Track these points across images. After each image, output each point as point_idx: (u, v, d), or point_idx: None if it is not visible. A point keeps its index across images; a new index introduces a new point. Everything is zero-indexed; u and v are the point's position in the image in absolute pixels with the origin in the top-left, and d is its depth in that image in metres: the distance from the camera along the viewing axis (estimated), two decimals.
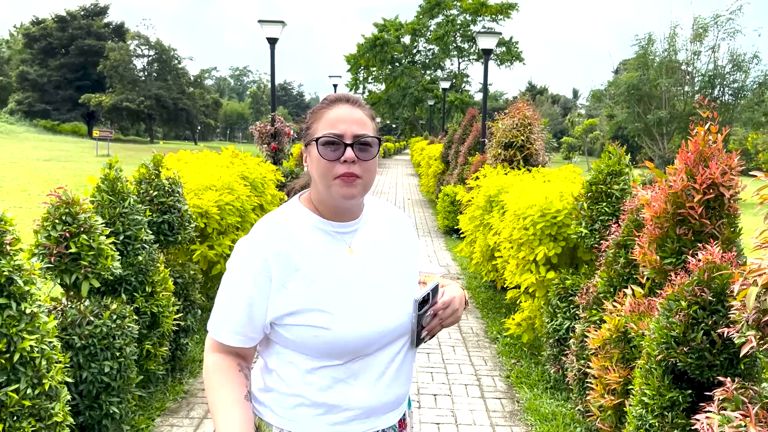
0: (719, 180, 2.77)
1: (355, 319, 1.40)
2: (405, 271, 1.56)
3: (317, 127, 1.42)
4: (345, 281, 1.42)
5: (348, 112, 1.42)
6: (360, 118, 1.43)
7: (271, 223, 1.46)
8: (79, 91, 55.64)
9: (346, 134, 1.39)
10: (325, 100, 1.47)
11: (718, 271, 2.38)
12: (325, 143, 1.39)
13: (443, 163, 15.24)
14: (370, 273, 1.47)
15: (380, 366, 1.45)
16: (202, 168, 5.53)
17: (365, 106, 1.48)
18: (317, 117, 1.45)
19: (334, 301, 1.39)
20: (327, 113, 1.43)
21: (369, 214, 1.54)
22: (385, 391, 1.46)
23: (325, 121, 1.41)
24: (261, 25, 10.83)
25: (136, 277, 3.70)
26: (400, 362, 1.51)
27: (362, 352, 1.41)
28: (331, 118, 1.41)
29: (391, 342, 1.47)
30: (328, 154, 1.38)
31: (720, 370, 2.33)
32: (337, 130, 1.39)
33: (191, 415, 3.82)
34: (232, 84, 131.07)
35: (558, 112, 73.11)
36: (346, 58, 44.23)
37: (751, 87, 27.40)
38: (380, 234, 1.55)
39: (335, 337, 1.37)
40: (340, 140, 1.38)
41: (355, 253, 1.46)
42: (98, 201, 3.65)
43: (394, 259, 1.55)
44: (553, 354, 4.26)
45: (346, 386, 1.41)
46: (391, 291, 1.49)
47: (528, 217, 4.52)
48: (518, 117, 7.28)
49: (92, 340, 3.18)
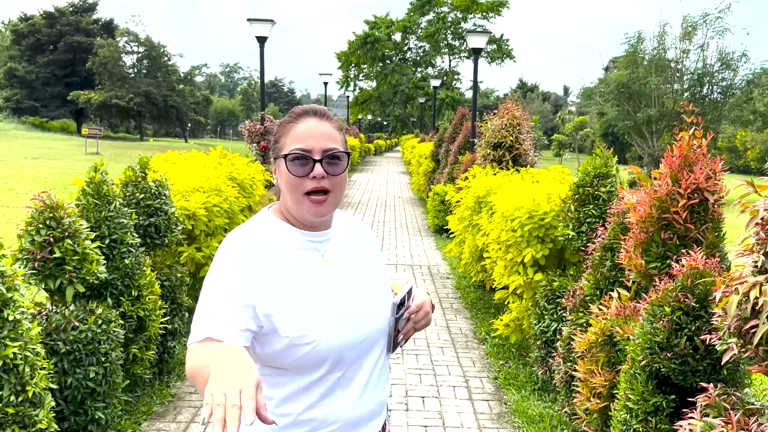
0: (703, 185, 2.78)
1: (339, 327, 1.41)
2: (377, 277, 1.59)
3: (285, 142, 1.42)
4: (323, 291, 1.43)
5: (315, 126, 1.42)
6: (328, 131, 1.43)
7: (249, 245, 1.40)
8: (67, 88, 55.19)
9: (314, 149, 1.39)
10: (292, 113, 1.46)
11: (702, 277, 2.39)
12: (293, 159, 1.38)
13: (434, 161, 15.24)
14: (346, 280, 1.49)
15: (363, 374, 1.47)
16: (190, 169, 5.50)
17: (333, 118, 1.48)
18: (285, 131, 1.44)
19: (316, 312, 1.39)
20: (295, 127, 1.42)
21: (338, 224, 1.56)
22: (369, 400, 1.48)
23: (293, 136, 1.41)
24: (250, 23, 10.79)
25: (122, 281, 3.68)
26: (380, 368, 1.53)
27: (347, 361, 1.42)
28: (299, 132, 1.41)
29: (371, 348, 1.49)
30: (297, 170, 1.38)
31: (703, 376, 2.35)
32: (304, 145, 1.39)
33: (178, 419, 3.80)
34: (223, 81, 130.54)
35: (549, 110, 73.34)
36: (337, 55, 44.13)
37: (739, 85, 27.59)
38: (350, 243, 1.57)
39: (322, 346, 1.37)
40: (309, 156, 1.38)
41: (328, 262, 1.48)
42: (83, 204, 3.62)
43: (366, 266, 1.58)
44: (541, 356, 4.27)
45: (333, 399, 1.41)
46: (368, 297, 1.51)
47: (516, 219, 4.53)
48: (507, 117, 7.29)
49: (77, 346, 3.16)
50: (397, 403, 4.11)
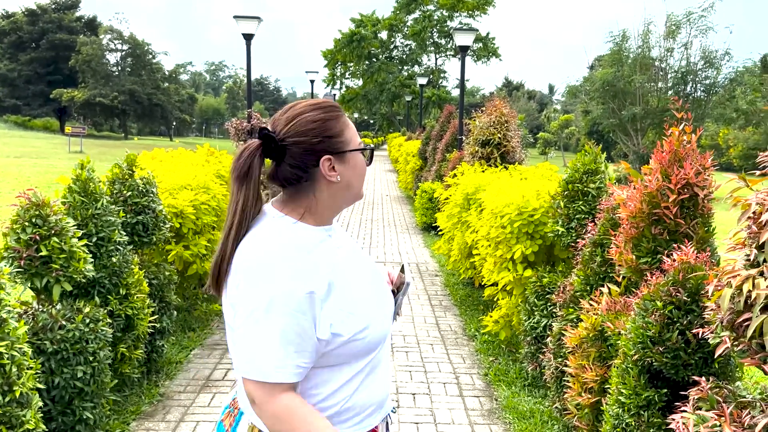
0: (693, 180, 2.80)
1: (383, 314, 1.48)
2: (372, 263, 1.63)
3: (350, 135, 1.42)
4: (361, 280, 1.46)
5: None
6: None
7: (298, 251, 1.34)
8: (50, 86, 54.63)
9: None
10: (336, 107, 1.44)
11: (693, 272, 2.41)
12: (368, 151, 1.46)
13: (421, 159, 15.25)
14: (366, 267, 1.53)
15: (386, 353, 1.54)
16: (177, 167, 5.46)
17: None
18: (344, 125, 1.41)
19: (363, 300, 1.42)
20: (348, 121, 1.45)
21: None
22: (388, 377, 1.55)
23: (352, 130, 1.45)
24: (237, 20, 10.72)
25: (110, 279, 3.64)
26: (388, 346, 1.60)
27: (385, 342, 1.49)
28: (352, 126, 1.45)
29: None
30: (369, 159, 1.48)
31: (695, 370, 2.36)
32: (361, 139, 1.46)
33: (167, 418, 3.77)
34: (208, 79, 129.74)
35: (534, 108, 73.67)
36: (323, 53, 43.99)
37: (722, 83, 27.89)
38: (342, 233, 1.59)
39: (375, 335, 1.42)
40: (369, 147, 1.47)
41: (346, 253, 1.49)
42: (70, 202, 3.57)
43: (361, 253, 1.62)
44: (531, 352, 4.28)
45: (369, 383, 1.45)
46: (381, 279, 1.58)
47: (505, 216, 4.53)
48: (495, 114, 7.30)
49: (64, 345, 3.11)
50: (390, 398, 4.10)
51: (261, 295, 1.28)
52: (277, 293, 1.27)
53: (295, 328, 1.28)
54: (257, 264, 1.30)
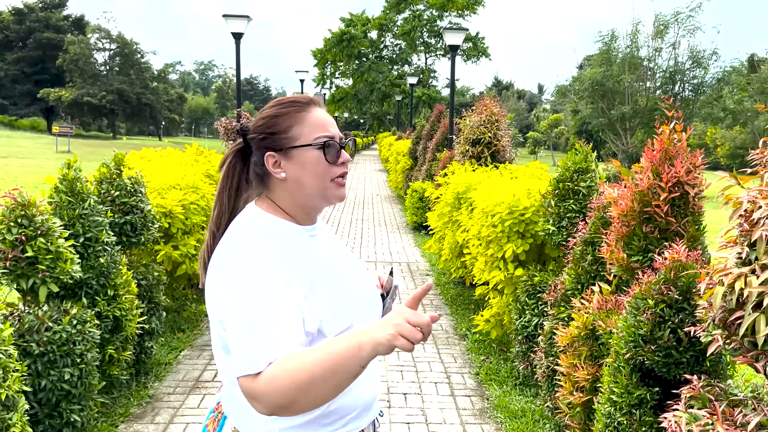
0: (684, 178, 2.80)
1: (365, 312, 1.45)
2: (358, 262, 1.62)
3: (302, 131, 1.36)
4: (346, 279, 1.44)
5: (325, 114, 1.43)
6: (333, 120, 1.45)
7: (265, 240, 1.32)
8: (37, 86, 54.20)
9: (336, 136, 1.40)
10: (296, 102, 1.41)
11: (684, 270, 2.40)
12: (327, 146, 1.37)
13: (411, 158, 15.24)
14: (345, 268, 1.50)
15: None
16: (166, 166, 5.41)
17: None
18: (296, 120, 1.37)
19: (347, 300, 1.40)
20: (308, 116, 1.38)
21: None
22: (375, 382, 1.51)
23: (312, 124, 1.38)
24: (226, 19, 10.66)
25: (98, 280, 3.60)
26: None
27: None
28: (318, 120, 1.39)
29: None
30: (330, 156, 1.37)
31: (686, 368, 2.36)
32: (329, 133, 1.39)
33: (156, 420, 3.73)
34: (197, 78, 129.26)
35: (524, 108, 73.95)
36: (313, 53, 43.91)
37: (710, 83, 28.08)
38: (328, 235, 1.57)
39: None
40: (336, 142, 1.39)
41: (329, 253, 1.47)
42: (56, 202, 3.53)
43: (349, 255, 1.59)
44: (522, 351, 4.28)
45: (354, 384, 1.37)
46: (367, 281, 1.56)
47: (496, 215, 4.53)
48: (485, 114, 7.30)
49: (51, 347, 3.07)
50: (378, 400, 4.08)
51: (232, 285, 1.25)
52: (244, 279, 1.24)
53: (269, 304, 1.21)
54: (225, 253, 1.32)
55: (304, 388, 1.11)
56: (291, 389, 1.11)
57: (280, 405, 1.13)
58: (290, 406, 1.13)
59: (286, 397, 1.12)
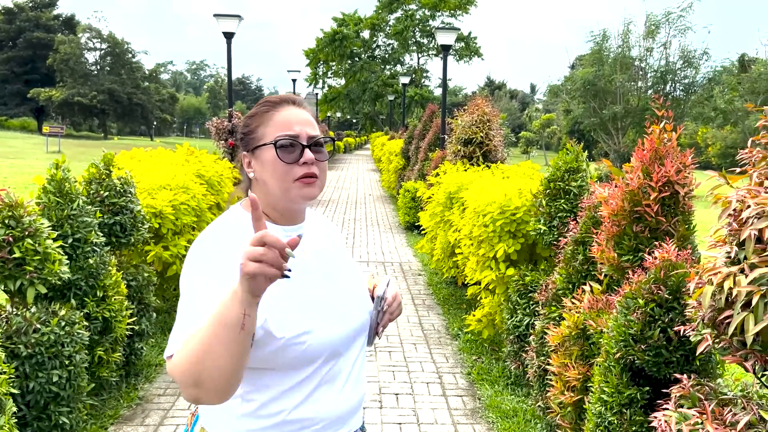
0: (674, 178, 2.81)
1: (332, 322, 1.39)
2: (352, 268, 1.58)
3: (265, 131, 1.37)
4: (312, 285, 1.39)
5: (296, 113, 1.40)
6: (308, 118, 1.42)
7: (228, 244, 1.30)
8: (27, 86, 53.87)
9: (301, 135, 1.36)
10: (267, 102, 1.42)
11: (674, 269, 2.41)
12: (283, 145, 1.34)
13: (404, 158, 15.24)
14: (329, 274, 1.46)
15: (347, 369, 1.44)
16: (157, 166, 5.38)
17: (307, 105, 1.46)
18: (263, 120, 1.39)
19: (310, 309, 1.35)
20: (275, 115, 1.38)
21: (307, 218, 1.52)
22: (351, 395, 1.45)
23: (276, 124, 1.37)
24: (217, 19, 10.62)
25: (87, 281, 3.57)
26: (361, 361, 1.52)
27: (336, 356, 1.39)
28: (282, 120, 1.37)
29: (354, 341, 1.47)
30: (287, 156, 1.34)
31: (676, 367, 2.36)
32: (292, 132, 1.36)
33: (146, 422, 3.71)
34: (189, 78, 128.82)
35: (516, 107, 74.07)
36: (305, 52, 43.82)
37: (701, 83, 28.22)
38: (321, 235, 1.54)
39: (317, 343, 1.33)
40: (298, 141, 1.35)
41: (310, 256, 1.43)
42: (45, 203, 3.50)
43: (340, 258, 1.56)
44: (514, 350, 4.28)
45: (320, 395, 1.37)
46: (350, 289, 1.50)
47: (488, 215, 4.52)
48: (477, 113, 7.30)
49: (39, 349, 3.05)
50: (371, 401, 4.07)
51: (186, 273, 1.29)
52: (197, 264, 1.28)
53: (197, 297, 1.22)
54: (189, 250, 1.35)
55: (201, 359, 1.09)
56: (191, 363, 1.10)
57: (190, 383, 1.11)
58: (200, 384, 1.10)
59: (190, 373, 1.10)
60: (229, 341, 1.08)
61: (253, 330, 1.11)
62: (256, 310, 1.09)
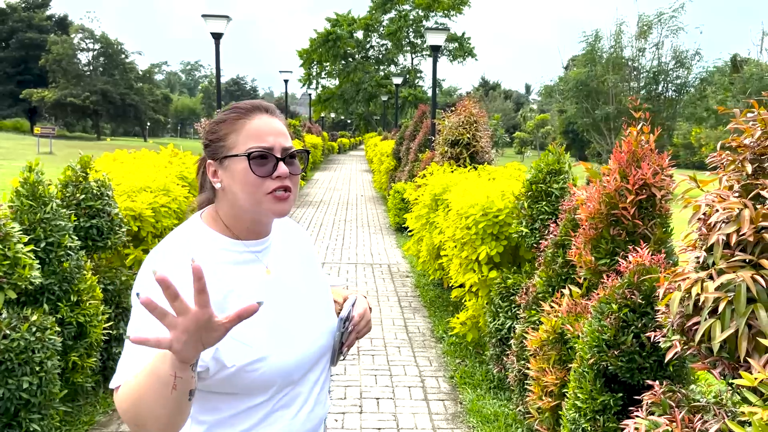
0: (651, 180, 2.77)
1: (290, 347, 1.32)
2: (319, 286, 1.50)
3: (237, 140, 1.29)
4: (270, 308, 1.31)
5: (269, 123, 1.32)
6: (281, 129, 1.34)
7: (178, 265, 1.22)
8: (20, 86, 53.64)
9: (275, 147, 1.29)
10: (238, 108, 1.33)
11: (648, 274, 2.37)
12: (256, 158, 1.27)
13: (395, 159, 15.20)
14: (290, 293, 1.39)
15: (306, 392, 1.38)
16: (139, 168, 5.32)
17: (280, 114, 1.38)
18: (234, 128, 1.30)
19: (263, 330, 1.28)
20: (247, 124, 1.30)
21: (274, 229, 1.44)
22: (310, 417, 1.39)
23: (248, 134, 1.29)
24: (205, 19, 10.56)
25: (60, 285, 3.51)
26: (323, 383, 1.45)
27: (292, 379, 1.33)
28: (254, 129, 1.30)
29: (316, 364, 1.41)
30: (260, 169, 1.27)
31: (650, 373, 2.33)
32: (266, 144, 1.28)
33: (122, 428, 3.65)
34: (184, 79, 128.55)
35: (511, 108, 74.16)
36: (299, 53, 43.76)
37: (693, 83, 28.27)
38: (289, 248, 1.47)
39: (273, 369, 1.27)
40: (272, 154, 1.28)
41: (272, 274, 1.37)
42: (17, 206, 3.44)
43: (307, 274, 1.48)
44: (496, 354, 4.24)
45: (275, 419, 1.31)
46: (313, 310, 1.43)
47: (470, 217, 4.49)
48: (464, 114, 7.26)
49: (9, 355, 2.99)
50: (351, 406, 4.03)
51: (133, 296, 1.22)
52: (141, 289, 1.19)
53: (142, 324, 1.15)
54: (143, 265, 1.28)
55: (137, 403, 1.05)
56: (129, 404, 1.07)
57: (131, 423, 1.08)
58: (140, 425, 1.07)
59: (129, 414, 1.07)
60: (161, 397, 1.02)
61: (189, 389, 1.04)
62: (190, 372, 1.02)
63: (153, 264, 1.25)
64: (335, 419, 3.84)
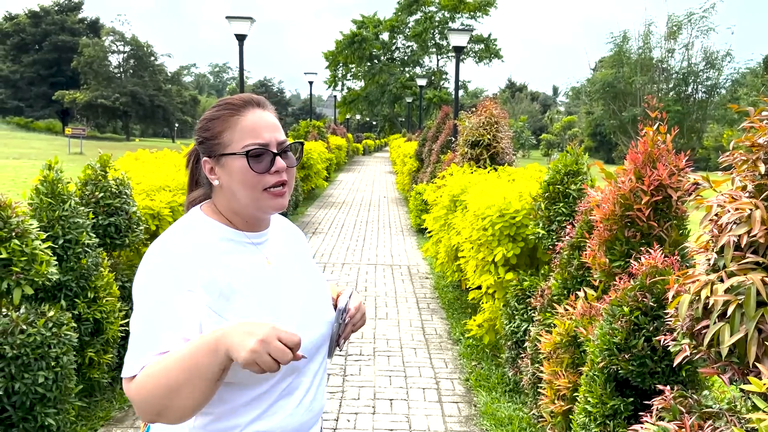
0: (667, 181, 2.71)
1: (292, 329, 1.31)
2: (316, 277, 1.53)
3: (232, 137, 1.30)
4: (271, 296, 1.34)
5: (262, 117, 1.33)
6: (274, 122, 1.35)
7: (185, 251, 1.26)
8: (53, 88, 54.83)
9: (271, 143, 1.31)
10: (230, 104, 1.33)
11: (660, 276, 2.32)
12: (254, 155, 1.28)
13: (418, 160, 15.17)
14: (291, 283, 1.41)
15: (307, 382, 1.40)
16: (159, 168, 5.39)
17: (270, 106, 1.39)
18: (228, 125, 1.31)
19: (267, 319, 1.27)
20: (241, 120, 1.31)
21: (272, 223, 1.46)
22: (310, 407, 1.41)
23: (243, 130, 1.30)
24: (229, 21, 10.66)
25: (77, 282, 3.57)
26: (321, 374, 1.47)
27: (295, 369, 1.35)
28: (249, 126, 1.30)
29: (316, 354, 1.43)
30: (258, 166, 1.29)
31: (661, 378, 2.27)
32: (262, 140, 1.29)
33: (137, 424, 3.69)
34: (212, 80, 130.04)
35: (537, 110, 73.53)
36: (325, 55, 43.99)
37: (724, 84, 27.75)
38: (286, 242, 1.50)
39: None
40: (268, 150, 1.30)
41: (272, 264, 1.39)
42: (36, 204, 3.50)
43: (304, 266, 1.51)
44: (512, 357, 4.19)
45: (277, 408, 1.33)
46: (312, 300, 1.45)
47: (487, 218, 4.45)
48: (485, 115, 7.21)
49: (25, 350, 3.04)
50: (364, 406, 4.02)
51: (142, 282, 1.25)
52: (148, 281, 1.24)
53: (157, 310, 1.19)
54: (145, 255, 1.30)
55: (167, 393, 1.10)
56: (156, 398, 1.10)
57: (152, 413, 1.12)
58: (162, 412, 1.11)
59: (153, 405, 1.11)
60: (203, 388, 1.10)
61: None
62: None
63: (157, 253, 1.27)
64: (347, 419, 3.83)
